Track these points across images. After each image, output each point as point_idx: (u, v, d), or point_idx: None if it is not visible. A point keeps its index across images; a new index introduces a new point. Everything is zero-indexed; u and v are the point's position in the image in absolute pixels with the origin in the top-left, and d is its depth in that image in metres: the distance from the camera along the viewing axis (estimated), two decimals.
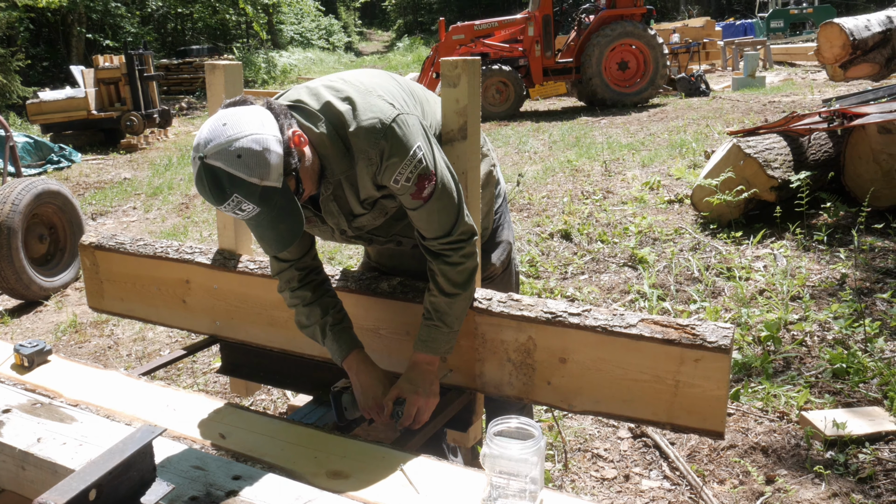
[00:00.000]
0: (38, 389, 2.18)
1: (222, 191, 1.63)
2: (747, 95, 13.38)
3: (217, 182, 1.63)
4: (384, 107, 1.84)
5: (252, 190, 1.64)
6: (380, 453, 1.80)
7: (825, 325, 3.85)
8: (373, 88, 1.90)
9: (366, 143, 1.81)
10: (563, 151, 9.45)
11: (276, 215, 1.70)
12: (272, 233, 1.74)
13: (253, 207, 1.66)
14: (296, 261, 2.10)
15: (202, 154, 1.63)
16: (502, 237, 2.48)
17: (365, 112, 1.82)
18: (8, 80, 15.68)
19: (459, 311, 2.02)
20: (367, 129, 1.80)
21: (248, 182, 1.63)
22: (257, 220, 1.71)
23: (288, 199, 1.71)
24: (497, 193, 2.43)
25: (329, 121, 1.84)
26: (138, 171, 10.95)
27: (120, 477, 1.42)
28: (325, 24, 40.63)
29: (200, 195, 1.72)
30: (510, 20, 14.32)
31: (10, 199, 5.22)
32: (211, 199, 1.66)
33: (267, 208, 1.68)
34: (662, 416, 1.90)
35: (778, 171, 5.36)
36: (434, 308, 2.00)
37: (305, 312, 2.13)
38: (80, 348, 4.58)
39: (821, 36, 9.13)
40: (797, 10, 24.84)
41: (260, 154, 1.63)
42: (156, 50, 23.37)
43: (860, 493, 2.65)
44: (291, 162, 1.71)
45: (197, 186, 1.68)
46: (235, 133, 1.63)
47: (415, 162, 1.83)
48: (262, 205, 1.67)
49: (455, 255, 1.98)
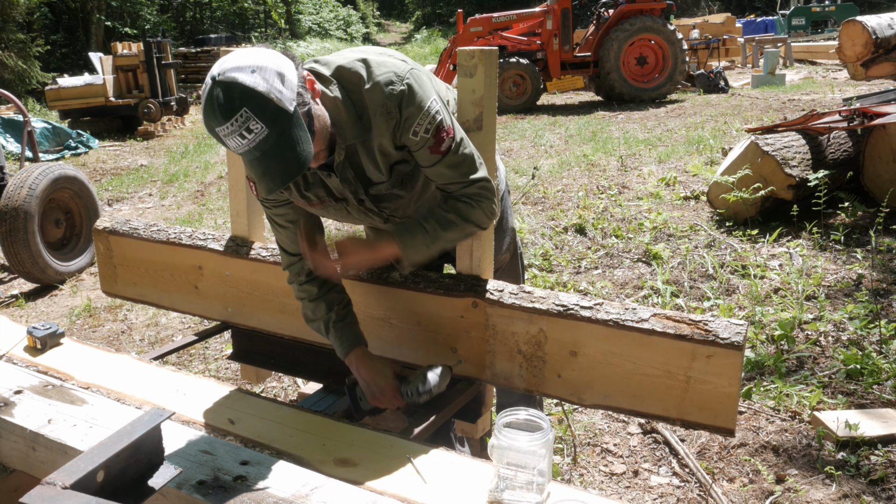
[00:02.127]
0: (49, 371, 2.19)
1: (232, 104, 1.54)
2: (766, 93, 13.27)
3: (228, 96, 1.54)
4: (398, 63, 1.85)
5: (264, 105, 1.55)
6: (388, 442, 1.79)
7: (840, 325, 3.82)
8: (383, 52, 1.93)
9: (383, 96, 1.80)
10: (579, 146, 9.41)
11: (284, 142, 1.60)
12: (277, 163, 1.61)
13: (262, 128, 1.56)
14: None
15: (215, 73, 1.57)
16: (507, 225, 2.47)
17: (379, 68, 1.82)
18: (27, 65, 15.80)
19: (450, 236, 1.98)
20: (384, 83, 1.80)
21: (262, 95, 1.55)
22: (262, 148, 1.59)
23: (299, 126, 1.62)
24: (498, 180, 2.41)
25: (342, 85, 1.83)
26: (155, 158, 11.00)
27: (128, 459, 1.43)
28: (343, 14, 40.65)
29: (206, 123, 1.60)
30: (529, 13, 14.26)
31: (28, 184, 5.25)
32: (219, 116, 1.55)
33: (275, 132, 1.58)
34: (673, 412, 1.89)
35: (796, 169, 5.31)
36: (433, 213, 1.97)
37: (311, 307, 2.13)
38: (93, 332, 4.62)
39: (843, 34, 9.04)
40: (819, 8, 24.60)
41: (276, 73, 1.59)
42: (174, 38, 23.48)
43: (871, 494, 2.62)
44: (305, 95, 1.67)
45: (204, 111, 1.59)
46: (252, 56, 1.60)
47: (432, 114, 1.83)
48: (272, 126, 1.57)
49: (474, 201, 1.96)
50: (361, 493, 1.55)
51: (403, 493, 1.57)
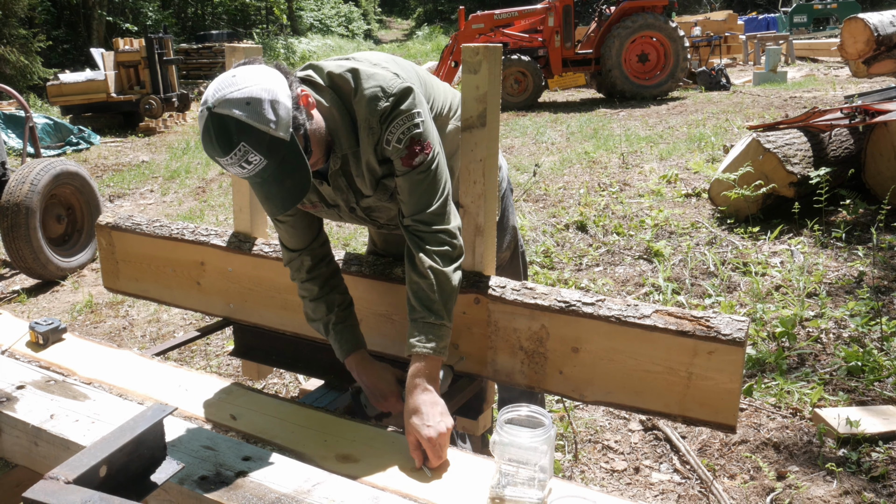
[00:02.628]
0: (52, 367, 2.20)
1: (229, 139, 1.58)
2: (768, 90, 13.26)
3: (224, 130, 1.58)
4: (388, 76, 1.83)
5: (260, 139, 1.59)
6: (389, 438, 1.80)
7: (841, 322, 3.82)
8: (377, 62, 1.91)
9: (367, 110, 1.80)
10: (580, 143, 9.40)
11: (284, 170, 1.64)
12: (278, 189, 1.67)
13: (260, 159, 1.60)
14: (304, 249, 2.09)
15: (210, 104, 1.59)
16: (508, 223, 2.47)
17: (368, 81, 1.81)
18: (29, 61, 15.78)
19: (445, 293, 1.86)
20: (370, 97, 1.79)
21: (257, 129, 1.58)
22: (263, 176, 1.64)
23: (296, 153, 1.65)
24: (500, 177, 2.41)
25: (336, 93, 1.83)
26: (156, 154, 11.00)
27: (130, 454, 1.43)
28: (344, 11, 40.57)
29: (206, 151, 1.65)
30: (530, 10, 14.25)
31: (29, 180, 5.25)
32: (217, 150, 1.60)
33: (274, 161, 1.62)
34: (674, 408, 1.89)
35: (797, 166, 5.30)
36: (416, 297, 1.86)
37: (312, 307, 2.12)
38: (95, 328, 4.62)
39: (845, 31, 9.03)
40: (821, 5, 24.56)
41: (269, 102, 1.60)
42: (175, 34, 23.45)
43: (872, 491, 2.63)
44: (300, 118, 1.68)
45: (203, 140, 1.63)
46: (245, 84, 1.61)
47: (410, 123, 1.81)
48: (270, 156, 1.61)
49: (430, 238, 1.88)
50: (363, 488, 1.55)
51: (405, 489, 1.58)
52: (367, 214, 2.08)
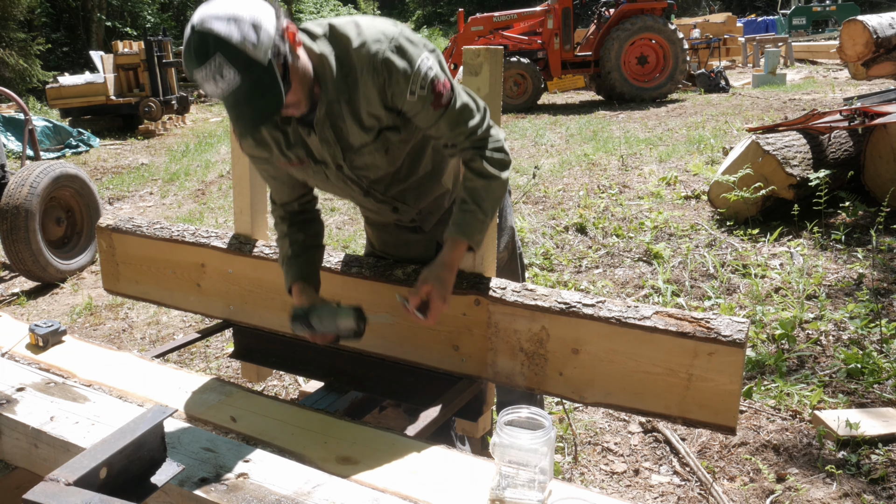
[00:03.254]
0: (52, 369, 2.20)
1: (206, 50, 1.60)
2: (767, 92, 13.27)
3: (203, 42, 1.60)
4: (389, 26, 1.86)
5: (237, 54, 1.60)
6: (389, 440, 1.80)
7: (841, 324, 3.82)
8: (378, 18, 1.93)
9: (370, 54, 1.80)
10: (579, 145, 9.41)
11: (257, 91, 1.65)
12: (249, 109, 1.68)
13: (234, 74, 1.61)
14: (290, 202, 2.17)
15: (194, 23, 1.62)
16: (506, 223, 2.47)
17: (370, 29, 1.83)
18: (28, 64, 15.80)
19: (495, 196, 2.00)
20: (372, 41, 1.81)
21: (235, 45, 1.60)
22: (236, 96, 1.65)
23: (272, 78, 1.66)
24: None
25: (331, 42, 1.84)
26: (155, 156, 11.00)
27: (130, 456, 1.43)
28: (344, 13, 40.63)
29: (184, 66, 1.68)
30: (529, 12, 14.27)
31: (29, 182, 5.25)
32: (193, 60, 1.62)
33: (248, 81, 1.63)
34: (674, 410, 1.89)
35: (797, 168, 5.31)
36: (470, 193, 1.98)
37: (279, 245, 2.19)
38: (95, 330, 4.62)
39: (844, 33, 9.04)
40: (820, 8, 24.62)
41: (251, 24, 1.62)
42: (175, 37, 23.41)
43: (872, 493, 2.63)
44: (281, 48, 1.69)
45: (183, 55, 1.66)
46: (232, 6, 1.63)
47: (424, 70, 1.83)
48: (244, 75, 1.62)
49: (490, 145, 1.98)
50: (363, 490, 1.55)
51: (405, 490, 1.57)
52: (355, 173, 2.05)
